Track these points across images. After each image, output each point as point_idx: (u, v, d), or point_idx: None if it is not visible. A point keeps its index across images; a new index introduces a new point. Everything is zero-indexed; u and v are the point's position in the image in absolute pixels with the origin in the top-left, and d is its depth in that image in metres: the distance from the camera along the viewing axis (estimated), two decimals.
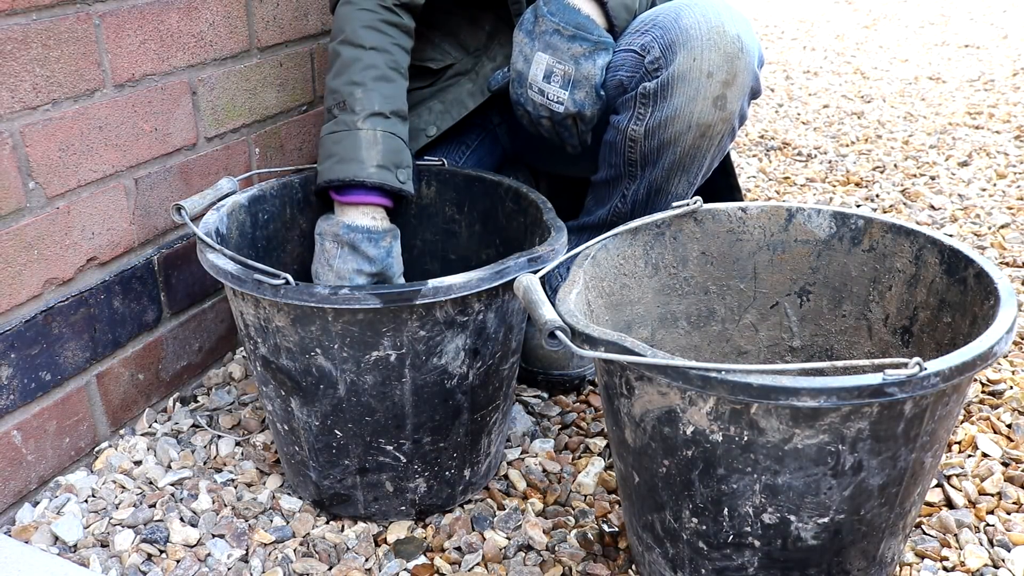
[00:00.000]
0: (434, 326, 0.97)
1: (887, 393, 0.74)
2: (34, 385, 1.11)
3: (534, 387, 1.38)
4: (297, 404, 1.03)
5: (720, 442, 0.80)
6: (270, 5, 1.41)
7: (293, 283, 0.93)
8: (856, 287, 1.10)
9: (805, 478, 0.80)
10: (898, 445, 0.80)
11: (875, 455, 0.80)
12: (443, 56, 1.35)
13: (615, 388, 0.87)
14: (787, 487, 0.81)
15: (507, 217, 1.24)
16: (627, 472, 0.92)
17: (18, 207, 1.06)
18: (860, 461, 0.80)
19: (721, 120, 1.15)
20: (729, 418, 0.78)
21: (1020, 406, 1.30)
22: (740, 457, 0.80)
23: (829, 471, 0.80)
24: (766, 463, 0.80)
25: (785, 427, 0.77)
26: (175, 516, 1.10)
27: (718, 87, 1.13)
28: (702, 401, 0.79)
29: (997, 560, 1.02)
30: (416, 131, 1.34)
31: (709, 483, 0.83)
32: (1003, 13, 4.88)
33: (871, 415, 0.77)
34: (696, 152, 1.19)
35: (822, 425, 0.77)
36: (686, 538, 0.88)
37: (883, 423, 0.78)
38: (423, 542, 1.08)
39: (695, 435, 0.81)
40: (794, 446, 0.78)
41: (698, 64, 1.12)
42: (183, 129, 1.29)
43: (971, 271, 0.96)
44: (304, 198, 1.27)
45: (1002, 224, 1.99)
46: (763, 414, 0.77)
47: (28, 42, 1.04)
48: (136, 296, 1.25)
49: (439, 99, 1.34)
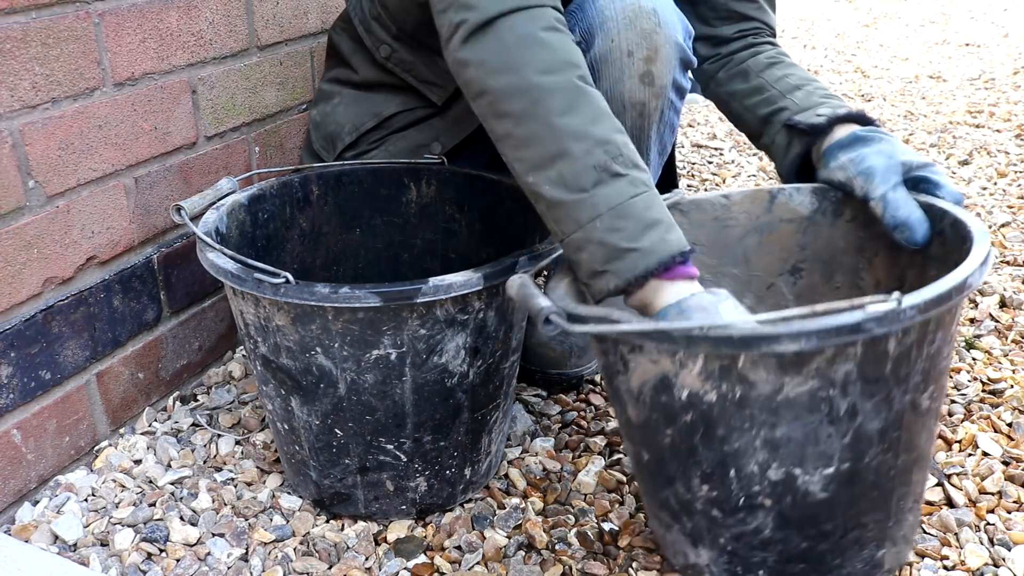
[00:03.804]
0: (434, 325, 0.97)
1: (866, 329, 0.73)
2: (34, 384, 1.11)
3: (534, 386, 1.38)
4: (297, 403, 1.03)
5: (715, 402, 0.80)
6: (270, 4, 1.41)
7: (293, 282, 0.92)
8: (845, 257, 1.11)
9: (803, 428, 0.80)
10: (889, 386, 0.80)
11: (868, 398, 0.80)
12: (441, 78, 1.27)
13: (612, 367, 0.87)
14: (787, 439, 0.81)
15: (507, 216, 1.24)
16: (637, 452, 0.92)
17: (18, 206, 1.06)
18: (854, 405, 0.80)
19: (653, 96, 1.13)
20: (719, 375, 0.79)
21: (1020, 405, 1.30)
22: (736, 414, 0.81)
23: (825, 418, 0.80)
24: (762, 417, 0.80)
25: (774, 377, 0.77)
26: (175, 515, 1.10)
27: (641, 64, 1.11)
28: (691, 363, 0.79)
29: (997, 559, 1.02)
30: (420, 147, 1.31)
31: (712, 446, 0.84)
32: (1004, 11, 4.87)
33: (856, 356, 0.77)
34: (639, 132, 1.17)
35: (809, 371, 0.77)
36: (700, 508, 0.89)
37: (869, 363, 0.78)
38: (423, 541, 1.08)
39: (691, 398, 0.81)
40: (786, 396, 0.78)
41: (617, 44, 1.10)
42: (183, 128, 1.29)
43: (947, 222, 0.97)
44: (304, 197, 1.27)
45: (1003, 223, 1.99)
46: (751, 366, 0.77)
47: (28, 41, 1.04)
48: (136, 295, 1.25)
49: (441, 116, 1.31)
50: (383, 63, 1.26)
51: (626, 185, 0.86)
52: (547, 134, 0.87)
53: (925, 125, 2.78)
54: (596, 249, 0.86)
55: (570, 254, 0.89)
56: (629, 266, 0.84)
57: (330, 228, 1.30)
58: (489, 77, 0.90)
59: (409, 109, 1.29)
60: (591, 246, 0.86)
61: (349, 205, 1.30)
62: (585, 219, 0.86)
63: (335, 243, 1.32)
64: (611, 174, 0.86)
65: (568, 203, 0.87)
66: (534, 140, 0.88)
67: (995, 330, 1.53)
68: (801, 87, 1.21)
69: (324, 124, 1.33)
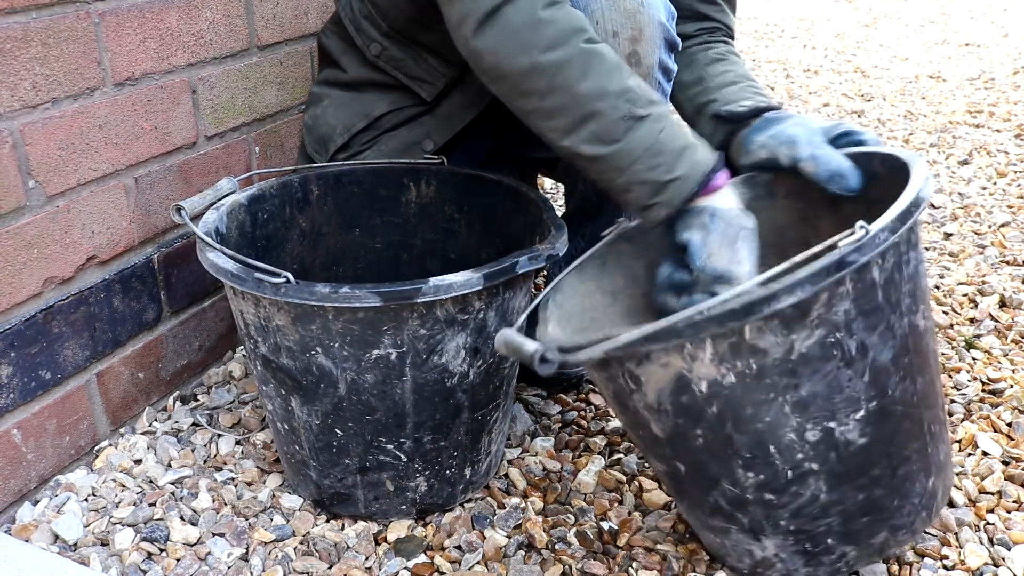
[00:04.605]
0: (435, 324, 0.97)
1: (850, 262, 0.77)
2: (34, 384, 1.11)
3: (534, 385, 1.38)
4: (297, 403, 1.03)
5: (735, 382, 0.82)
6: (270, 3, 1.41)
7: (294, 282, 0.93)
8: (791, 233, 1.13)
9: (824, 379, 0.82)
10: (886, 314, 0.83)
11: (871, 330, 0.82)
12: (431, 74, 1.28)
13: (623, 390, 0.88)
14: (813, 396, 0.83)
15: (507, 216, 1.24)
16: (672, 469, 0.93)
17: (18, 206, 1.06)
18: (862, 342, 0.82)
19: (641, 77, 1.13)
20: (732, 354, 0.80)
21: (1020, 405, 1.30)
22: (759, 388, 0.82)
23: (840, 362, 0.82)
24: (784, 381, 0.82)
25: (782, 338, 0.79)
26: (175, 515, 1.10)
27: (627, 44, 1.12)
28: (701, 351, 0.80)
29: (997, 559, 1.02)
30: (412, 144, 1.32)
31: (744, 428, 0.85)
32: (1003, 11, 4.87)
33: (848, 293, 0.80)
34: None
35: (812, 321, 0.79)
36: (751, 497, 0.89)
37: (862, 296, 0.81)
38: (423, 541, 1.08)
39: (711, 387, 0.83)
40: (799, 353, 0.80)
41: (602, 26, 1.12)
42: (183, 128, 1.29)
43: (876, 161, 1.01)
44: (304, 198, 1.27)
45: (1003, 223, 1.99)
46: (757, 334, 0.79)
47: (28, 41, 1.04)
48: (136, 295, 1.25)
49: (431, 114, 1.31)
50: (374, 61, 1.27)
51: (651, 124, 0.96)
52: (572, 102, 0.96)
53: (925, 125, 2.78)
54: (642, 188, 0.97)
55: (617, 196, 0.99)
56: (674, 194, 0.96)
57: (330, 228, 1.30)
58: (505, 62, 0.97)
59: (399, 108, 1.29)
60: (636, 186, 0.97)
61: (349, 205, 1.30)
62: (626, 164, 0.96)
63: (335, 243, 1.32)
64: (636, 119, 0.96)
65: (607, 155, 0.96)
66: (561, 110, 0.97)
67: (995, 330, 1.53)
68: (736, 83, 1.25)
69: (316, 127, 1.34)
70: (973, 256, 1.83)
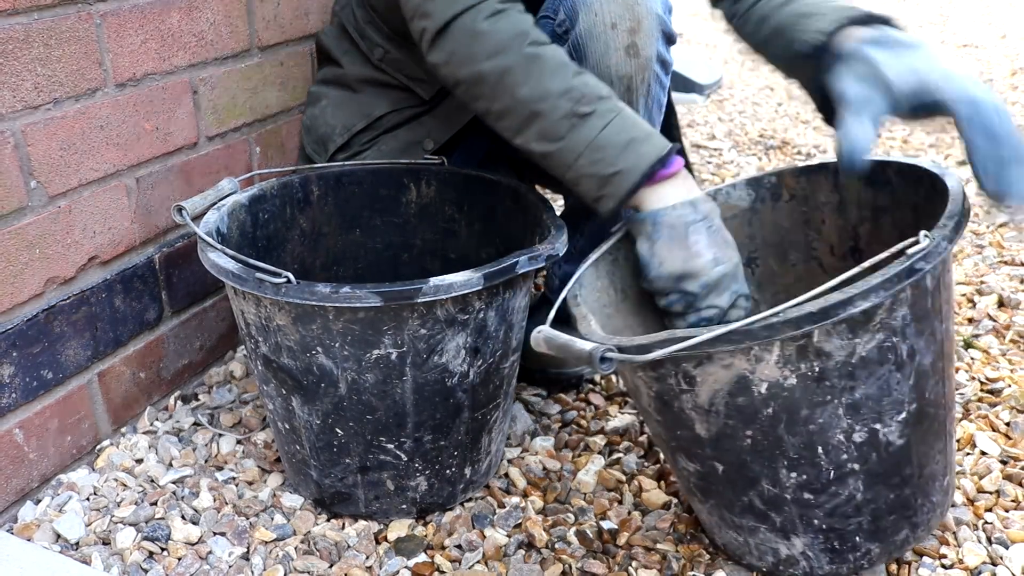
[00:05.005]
0: (435, 324, 0.97)
1: (917, 270, 0.80)
2: (36, 383, 1.11)
3: (534, 385, 1.39)
4: (298, 403, 1.04)
5: (796, 384, 0.83)
6: (271, 4, 1.41)
7: (294, 282, 0.93)
8: (793, 236, 1.14)
9: (877, 383, 0.84)
10: (932, 319, 0.85)
11: (920, 335, 0.85)
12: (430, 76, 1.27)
13: (671, 389, 0.88)
14: (865, 399, 0.84)
15: (507, 216, 1.25)
16: (707, 468, 0.93)
17: (20, 206, 1.06)
18: (912, 346, 0.84)
19: (639, 68, 1.15)
20: (797, 357, 0.81)
21: (1019, 404, 1.30)
22: (817, 390, 0.83)
23: (893, 366, 0.84)
24: (842, 384, 0.83)
25: (847, 341, 0.81)
26: (176, 514, 1.11)
27: (625, 36, 1.13)
28: (767, 353, 0.81)
29: (995, 558, 1.03)
30: (412, 144, 1.33)
31: (797, 430, 0.86)
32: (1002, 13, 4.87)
33: (907, 299, 0.82)
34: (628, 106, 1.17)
35: (875, 325, 0.81)
36: (790, 497, 0.90)
37: (917, 302, 0.83)
38: (424, 540, 1.08)
39: (771, 389, 0.84)
40: (859, 356, 0.82)
41: (600, 18, 1.13)
42: (184, 128, 1.29)
43: (890, 171, 1.03)
44: (304, 198, 1.27)
45: (1001, 223, 1.99)
46: (824, 337, 0.80)
47: (30, 41, 1.04)
48: (137, 295, 1.25)
49: (430, 113, 1.32)
50: (377, 64, 1.29)
51: (595, 120, 1.00)
52: (516, 106, 1.02)
53: (924, 125, 2.78)
54: (588, 181, 1.01)
55: (571, 188, 1.04)
56: (618, 187, 1.00)
57: (330, 228, 1.31)
58: (455, 72, 1.05)
59: (398, 109, 1.30)
60: (583, 180, 1.02)
61: (349, 205, 1.30)
62: (572, 160, 1.01)
63: (335, 243, 1.32)
64: (580, 116, 1.00)
65: (554, 152, 1.02)
66: (508, 112, 1.03)
67: (993, 329, 1.53)
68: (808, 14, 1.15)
69: (315, 127, 1.34)
70: (971, 256, 1.83)
